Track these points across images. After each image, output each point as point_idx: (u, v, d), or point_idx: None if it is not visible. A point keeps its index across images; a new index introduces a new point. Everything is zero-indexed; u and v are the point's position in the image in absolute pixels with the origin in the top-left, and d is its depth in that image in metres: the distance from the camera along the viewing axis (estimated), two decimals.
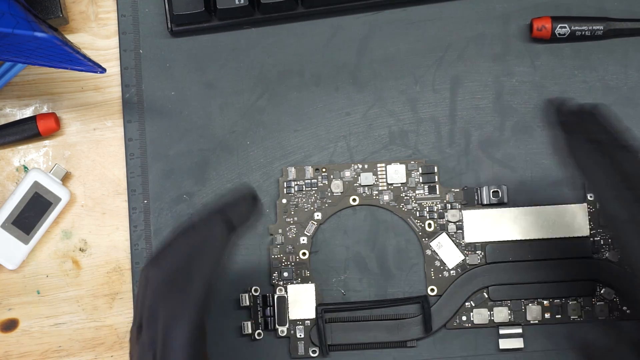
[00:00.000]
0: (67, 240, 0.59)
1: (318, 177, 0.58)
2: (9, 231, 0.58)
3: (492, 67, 0.59)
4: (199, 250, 0.44)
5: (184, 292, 0.43)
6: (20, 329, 0.59)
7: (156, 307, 0.44)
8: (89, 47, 0.60)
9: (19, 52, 0.51)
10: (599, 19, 0.57)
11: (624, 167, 0.45)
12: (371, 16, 0.59)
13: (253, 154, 0.59)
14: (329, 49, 0.59)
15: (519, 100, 0.58)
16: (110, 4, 0.60)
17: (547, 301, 0.57)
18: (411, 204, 0.58)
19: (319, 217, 0.58)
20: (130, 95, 0.59)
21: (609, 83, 0.58)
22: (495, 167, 0.58)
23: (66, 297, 0.59)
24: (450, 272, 0.57)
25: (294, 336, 0.57)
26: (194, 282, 0.44)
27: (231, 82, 0.59)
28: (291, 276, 0.57)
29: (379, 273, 0.58)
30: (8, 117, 0.60)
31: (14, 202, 0.58)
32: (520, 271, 0.57)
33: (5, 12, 0.48)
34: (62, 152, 0.60)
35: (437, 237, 0.57)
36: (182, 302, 0.43)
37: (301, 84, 0.59)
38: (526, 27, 0.59)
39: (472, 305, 0.57)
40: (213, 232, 0.45)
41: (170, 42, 0.60)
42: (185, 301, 0.43)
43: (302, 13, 0.59)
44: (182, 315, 0.43)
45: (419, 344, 0.57)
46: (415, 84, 0.59)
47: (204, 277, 0.44)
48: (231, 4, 0.57)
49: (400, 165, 0.58)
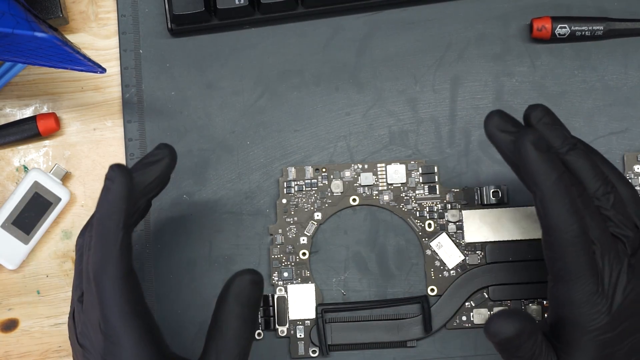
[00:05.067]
0: (67, 240, 0.59)
1: (318, 177, 0.58)
2: (9, 231, 0.58)
3: (492, 67, 0.59)
4: (105, 204, 0.47)
5: (103, 243, 0.46)
6: (20, 329, 0.59)
7: (87, 268, 0.47)
8: (89, 47, 0.60)
9: (19, 52, 0.51)
10: (599, 19, 0.57)
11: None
12: (371, 16, 0.59)
13: (253, 154, 0.59)
14: (329, 49, 0.59)
15: (519, 100, 0.58)
16: (110, 4, 0.60)
17: (547, 301, 0.57)
18: (411, 204, 0.58)
19: (319, 217, 0.58)
20: (130, 95, 0.59)
21: (609, 83, 0.58)
22: (495, 167, 0.58)
23: (66, 297, 0.59)
24: (450, 272, 0.57)
25: (294, 336, 0.57)
26: (109, 231, 0.46)
27: (231, 82, 0.59)
28: (291, 276, 0.57)
29: (379, 273, 0.58)
30: (8, 117, 0.60)
31: (14, 202, 0.58)
32: (520, 271, 0.57)
33: (5, 12, 0.48)
34: (62, 152, 0.60)
35: (437, 237, 0.57)
36: (103, 252, 0.46)
37: (301, 84, 0.59)
38: (526, 27, 0.59)
39: (472, 305, 0.57)
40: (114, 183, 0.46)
41: (170, 42, 0.60)
42: (106, 249, 0.46)
43: (302, 13, 0.59)
44: (106, 262, 0.46)
45: (419, 344, 0.57)
46: (415, 84, 0.59)
47: (116, 224, 0.46)
48: (231, 4, 0.57)
49: (400, 165, 0.58)
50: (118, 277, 0.46)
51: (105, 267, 0.46)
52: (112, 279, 0.46)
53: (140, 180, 0.49)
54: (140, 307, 0.46)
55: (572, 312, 0.45)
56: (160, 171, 0.49)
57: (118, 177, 0.46)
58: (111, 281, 0.45)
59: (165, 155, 0.50)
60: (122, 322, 0.45)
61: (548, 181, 0.44)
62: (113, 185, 0.46)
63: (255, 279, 0.47)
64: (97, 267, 0.46)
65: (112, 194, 0.46)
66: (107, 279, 0.46)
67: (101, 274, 0.46)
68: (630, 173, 0.57)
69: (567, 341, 0.45)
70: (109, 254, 0.46)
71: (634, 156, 0.58)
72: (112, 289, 0.45)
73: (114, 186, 0.46)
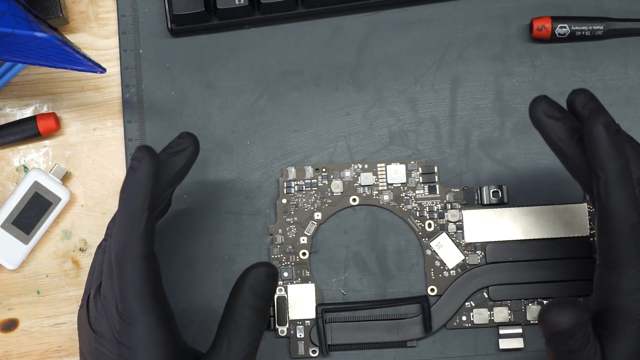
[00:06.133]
0: (67, 240, 0.59)
1: (318, 177, 0.58)
2: (9, 231, 0.58)
3: (492, 67, 0.59)
4: (132, 184, 0.47)
5: (127, 223, 0.46)
6: (20, 329, 0.59)
7: (109, 250, 0.48)
8: (89, 47, 0.60)
9: (19, 52, 0.51)
10: (599, 19, 0.57)
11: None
12: (371, 16, 0.59)
13: (253, 154, 0.59)
14: (329, 49, 0.59)
15: (519, 100, 0.58)
16: (110, 4, 0.60)
17: (547, 301, 0.57)
18: (411, 204, 0.58)
19: (319, 217, 0.58)
20: (130, 95, 0.59)
21: (609, 83, 0.58)
22: (495, 167, 0.58)
23: (66, 297, 0.59)
24: (450, 272, 0.57)
25: (294, 336, 0.57)
26: (135, 211, 0.46)
27: (231, 82, 0.59)
28: (291, 276, 0.58)
29: (379, 273, 0.58)
30: (8, 117, 0.60)
31: (14, 202, 0.58)
32: (520, 271, 0.57)
33: (5, 12, 0.48)
34: (62, 152, 0.60)
35: (437, 237, 0.57)
36: (126, 232, 0.46)
37: (301, 84, 0.59)
38: (526, 27, 0.59)
39: (472, 305, 0.57)
40: (141, 162, 0.47)
41: (170, 42, 0.60)
42: (129, 229, 0.46)
43: (302, 13, 0.59)
44: (129, 242, 0.46)
45: (419, 344, 0.57)
46: (415, 84, 0.59)
47: (141, 203, 0.46)
48: (231, 4, 0.57)
49: (400, 165, 0.58)
50: (139, 257, 0.46)
51: (128, 246, 0.46)
52: (133, 259, 0.46)
53: (166, 170, 0.49)
54: (158, 291, 0.47)
55: (620, 300, 0.45)
56: (186, 160, 0.50)
57: (145, 157, 0.46)
58: (132, 261, 0.46)
59: (189, 144, 0.50)
60: (139, 303, 0.46)
61: (616, 165, 0.44)
62: (140, 165, 0.46)
63: (271, 272, 0.48)
64: (121, 246, 0.46)
65: (139, 174, 0.46)
66: (128, 259, 0.46)
67: (123, 253, 0.46)
68: None
69: (613, 329, 0.45)
70: (133, 233, 0.46)
71: None
72: (132, 269, 0.46)
73: (141, 166, 0.46)
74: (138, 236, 0.46)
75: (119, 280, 0.46)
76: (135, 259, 0.46)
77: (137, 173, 0.46)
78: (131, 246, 0.46)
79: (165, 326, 0.47)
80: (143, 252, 0.46)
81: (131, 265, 0.46)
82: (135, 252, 0.46)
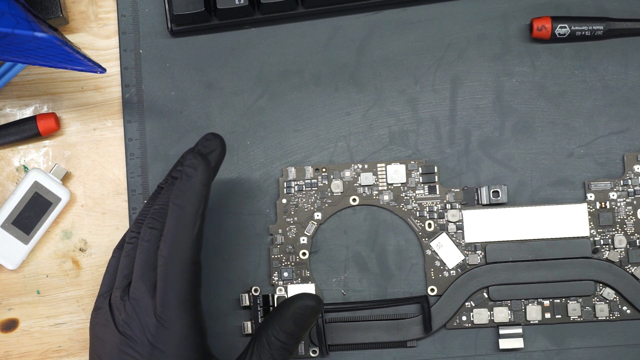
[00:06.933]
0: (67, 240, 0.59)
1: (318, 177, 0.58)
2: (9, 231, 0.58)
3: (492, 67, 0.59)
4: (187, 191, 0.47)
5: (180, 229, 0.47)
6: (20, 329, 0.59)
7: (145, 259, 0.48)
8: (89, 47, 0.60)
9: (19, 52, 0.51)
10: (599, 19, 0.57)
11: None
12: (371, 16, 0.59)
13: (253, 154, 0.59)
14: (329, 49, 0.59)
15: (519, 100, 0.58)
16: (110, 4, 0.60)
17: (547, 301, 0.57)
18: (411, 204, 0.58)
19: (319, 217, 0.58)
20: (130, 95, 0.59)
21: (609, 83, 0.58)
22: (495, 167, 0.58)
23: (66, 297, 0.59)
24: (450, 272, 0.57)
25: None
26: (189, 218, 0.47)
27: (231, 82, 0.59)
28: (291, 276, 0.58)
29: (379, 273, 0.58)
30: (8, 117, 0.60)
31: (14, 202, 0.58)
32: (520, 271, 0.57)
33: (5, 12, 0.48)
34: (62, 152, 0.60)
35: (437, 237, 0.57)
36: (178, 237, 0.47)
37: (301, 84, 0.59)
38: (526, 27, 0.59)
39: (472, 305, 0.57)
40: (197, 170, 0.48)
41: (170, 42, 0.60)
42: (182, 235, 0.47)
43: (302, 13, 0.59)
44: (180, 248, 0.47)
45: (419, 344, 0.57)
46: (415, 84, 0.59)
47: (195, 210, 0.47)
48: (231, 4, 0.57)
49: (400, 165, 0.58)
50: (188, 263, 0.47)
51: (178, 252, 0.47)
52: (181, 265, 0.47)
53: None
54: (198, 297, 0.48)
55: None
56: (215, 162, 0.50)
57: (201, 165, 0.47)
58: (180, 266, 0.47)
59: (217, 145, 0.50)
60: (180, 308, 0.47)
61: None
62: (195, 172, 0.47)
63: (317, 308, 0.50)
64: (171, 251, 0.47)
65: (195, 181, 0.47)
66: (177, 264, 0.47)
67: (172, 258, 0.47)
68: (630, 173, 0.57)
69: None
70: (184, 239, 0.47)
71: (634, 156, 0.58)
72: (179, 274, 0.47)
73: (196, 173, 0.47)
74: (189, 242, 0.47)
75: (164, 284, 0.47)
76: (184, 265, 0.47)
77: (192, 180, 0.47)
78: (181, 252, 0.47)
79: (198, 332, 0.48)
80: (192, 258, 0.47)
81: (178, 270, 0.47)
82: (185, 257, 0.47)
